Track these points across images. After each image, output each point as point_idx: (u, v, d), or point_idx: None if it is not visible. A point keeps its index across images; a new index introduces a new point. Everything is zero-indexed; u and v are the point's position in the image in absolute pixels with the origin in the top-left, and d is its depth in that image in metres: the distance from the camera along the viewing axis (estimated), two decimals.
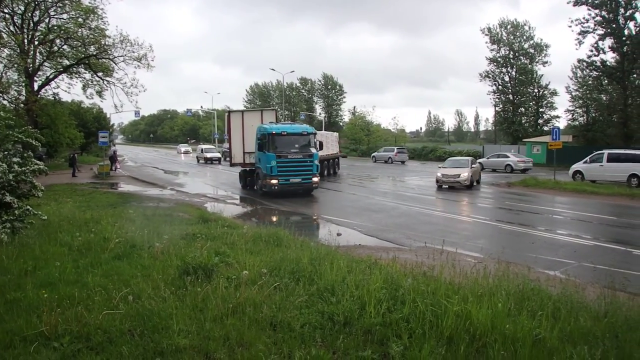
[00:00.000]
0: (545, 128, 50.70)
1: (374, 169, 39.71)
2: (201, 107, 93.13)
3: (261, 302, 5.22)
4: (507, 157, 36.50)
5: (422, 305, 4.92)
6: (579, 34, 41.56)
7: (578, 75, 49.54)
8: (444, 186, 23.52)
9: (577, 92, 49.98)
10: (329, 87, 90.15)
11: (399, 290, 5.43)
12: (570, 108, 50.61)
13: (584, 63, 43.74)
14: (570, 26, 43.16)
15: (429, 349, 4.18)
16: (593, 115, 48.91)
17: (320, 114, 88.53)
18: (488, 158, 38.11)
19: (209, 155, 47.23)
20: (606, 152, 25.26)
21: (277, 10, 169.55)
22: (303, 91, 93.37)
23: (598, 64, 41.73)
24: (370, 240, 11.85)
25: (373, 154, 51.42)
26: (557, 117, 53.58)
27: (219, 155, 47.47)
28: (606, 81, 44.46)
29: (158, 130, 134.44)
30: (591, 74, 45.45)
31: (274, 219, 14.78)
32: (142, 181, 27.60)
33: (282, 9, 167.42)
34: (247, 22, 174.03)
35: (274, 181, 18.87)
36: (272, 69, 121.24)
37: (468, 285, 5.69)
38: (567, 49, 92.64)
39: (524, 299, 5.27)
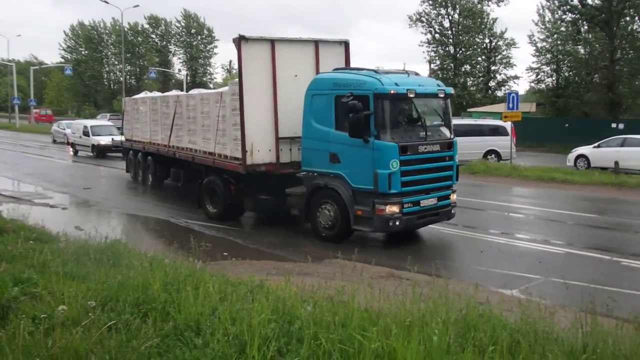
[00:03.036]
0: (499, 93, 52.05)
1: None
2: None
3: (87, 351, 4.93)
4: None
5: (326, 343, 4.94)
6: None
7: (546, 19, 50.63)
8: None
9: (545, 44, 51.02)
10: (193, 31, 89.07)
11: (295, 322, 5.43)
12: (535, 65, 52.12)
13: (556, 2, 44.54)
14: None
15: None
16: (566, 75, 50.18)
17: (179, 70, 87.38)
18: None
19: (103, 140, 34.56)
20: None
21: None
22: (153, 36, 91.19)
23: (575, 2, 41.52)
24: None
25: None
26: (516, 77, 55.22)
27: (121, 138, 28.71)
28: (586, 27, 44.61)
29: None
30: (565, 16, 45.19)
31: None
32: None
33: None
34: None
35: (395, 208, 12.57)
36: (105, 1, 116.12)
37: (391, 312, 5.83)
38: None
39: (469, 329, 5.47)
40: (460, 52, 55.19)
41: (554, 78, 51.82)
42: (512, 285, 9.38)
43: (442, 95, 13.89)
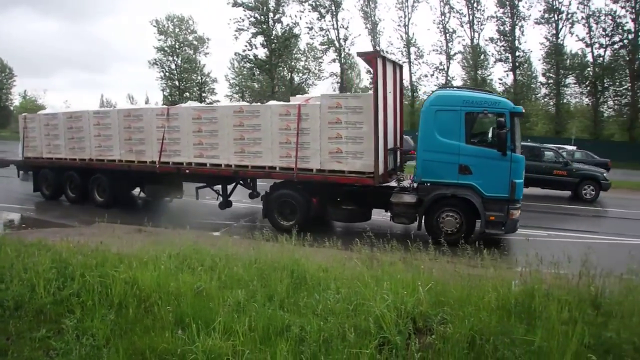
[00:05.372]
0: None
1: None
2: None
3: None
4: None
5: (90, 278, 7.24)
6: (236, 31, 66.32)
7: (235, 66, 78.52)
8: None
9: (235, 80, 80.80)
10: None
11: (68, 267, 7.65)
12: (229, 94, 79.31)
13: (240, 56, 69.19)
14: (229, 24, 70.33)
15: (100, 317, 6.51)
16: (248, 100, 67.11)
17: None
18: None
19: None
20: None
21: None
22: None
23: (251, 57, 67.62)
24: None
25: None
26: (218, 101, 73.68)
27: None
28: (258, 72, 70.82)
29: None
30: (245, 65, 71.35)
31: None
32: None
33: None
34: None
35: (519, 212, 13.98)
36: None
37: (134, 254, 8.31)
38: (227, 43, 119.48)
39: (186, 259, 8.21)
40: (182, 84, 78.92)
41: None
42: (218, 229, 12.41)
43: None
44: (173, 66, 78.54)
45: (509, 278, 8.00)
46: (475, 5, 66.27)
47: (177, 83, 78.48)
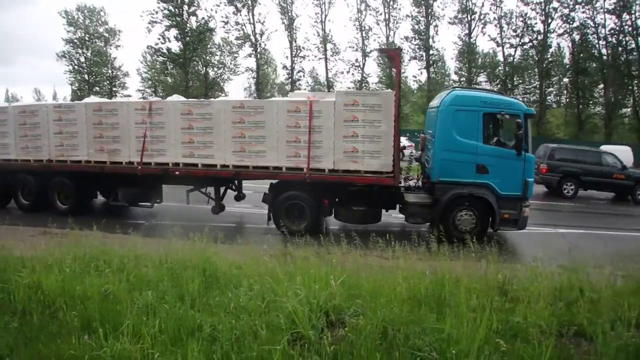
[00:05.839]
0: None
1: None
2: None
3: None
4: None
5: None
6: (149, 23, 62.50)
7: (148, 59, 74.22)
8: None
9: (147, 74, 76.18)
10: None
11: None
12: (141, 88, 74.89)
13: (153, 49, 65.19)
14: (142, 16, 65.90)
15: (2, 325, 6.21)
16: (161, 95, 65.03)
17: None
18: None
19: None
20: None
21: None
22: None
23: (165, 50, 64.10)
24: None
25: None
26: (129, 96, 69.15)
27: None
28: (171, 66, 67.57)
29: None
30: (158, 59, 68.03)
31: None
32: None
33: None
34: None
35: (528, 210, 14.44)
36: None
37: (38, 257, 7.97)
38: (139, 36, 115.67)
39: (92, 260, 7.95)
40: (92, 78, 75.17)
41: (153, 97, 67.52)
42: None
43: None
44: (82, 59, 74.35)
45: (420, 269, 8.23)
46: (391, 3, 67.39)
47: (86, 77, 74.30)
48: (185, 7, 63.72)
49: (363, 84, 67.01)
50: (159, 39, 63.20)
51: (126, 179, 16.19)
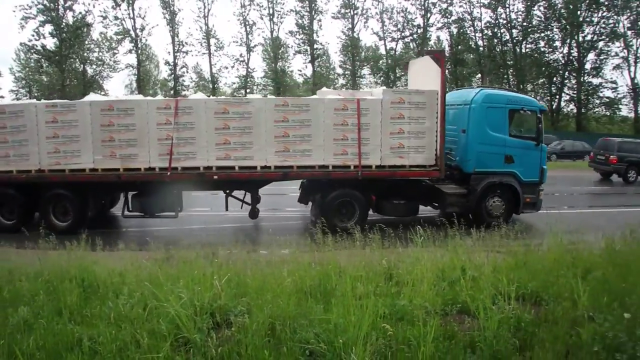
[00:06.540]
0: None
1: None
2: None
3: None
4: None
5: None
6: (22, 19, 58.77)
7: (21, 57, 70.30)
8: None
9: (21, 74, 71.66)
10: None
11: None
12: (15, 89, 69.93)
13: (26, 46, 62.02)
14: (14, 11, 63.07)
15: None
16: (36, 95, 63.72)
17: None
18: None
19: None
20: None
21: None
22: None
23: (39, 47, 60.59)
24: None
25: None
26: (2, 97, 64.20)
27: None
28: (46, 64, 64.20)
29: None
30: (32, 56, 64.69)
31: None
32: None
33: None
34: None
35: (542, 194, 16.60)
36: None
37: None
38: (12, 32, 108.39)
39: None
40: None
41: (28, 97, 65.42)
42: None
43: None
44: None
45: (306, 261, 8.37)
46: None
47: None
48: (61, 2, 60.52)
49: (248, 79, 67.12)
50: (33, 35, 59.63)
51: (139, 187, 14.90)
